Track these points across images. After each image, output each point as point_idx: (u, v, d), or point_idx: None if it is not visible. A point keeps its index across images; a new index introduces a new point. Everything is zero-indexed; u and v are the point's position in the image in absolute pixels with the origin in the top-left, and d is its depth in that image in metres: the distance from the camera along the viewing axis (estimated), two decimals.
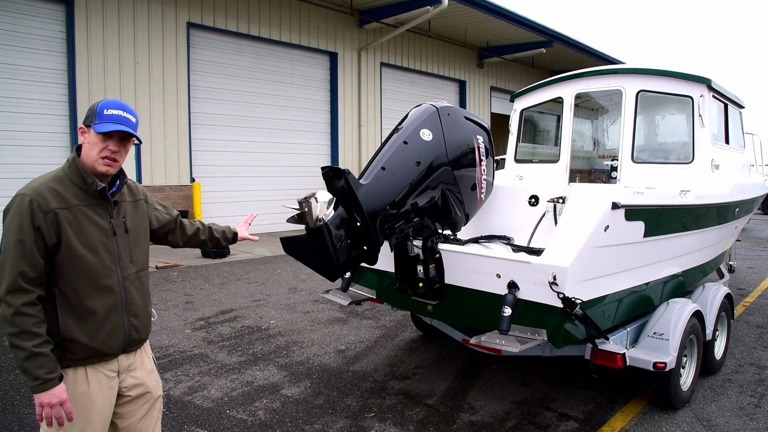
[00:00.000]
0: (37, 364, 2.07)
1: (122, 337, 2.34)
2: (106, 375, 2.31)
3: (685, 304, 4.39)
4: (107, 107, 2.23)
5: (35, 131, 10.81)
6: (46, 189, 2.17)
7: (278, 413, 4.22)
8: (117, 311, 2.32)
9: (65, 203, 2.18)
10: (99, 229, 2.26)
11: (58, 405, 2.12)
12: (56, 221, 2.15)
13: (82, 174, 2.23)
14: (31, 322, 2.08)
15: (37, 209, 2.11)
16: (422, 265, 3.78)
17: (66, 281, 2.19)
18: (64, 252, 2.17)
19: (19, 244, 2.09)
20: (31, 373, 2.08)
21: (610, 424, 4.09)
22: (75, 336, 2.20)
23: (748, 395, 4.65)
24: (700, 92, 5.29)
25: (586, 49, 21.41)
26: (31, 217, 2.10)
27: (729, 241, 6.45)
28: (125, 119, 2.25)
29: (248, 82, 14.28)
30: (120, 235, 2.34)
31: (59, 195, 2.18)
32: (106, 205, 2.31)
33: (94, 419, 2.29)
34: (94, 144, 2.22)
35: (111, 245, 2.30)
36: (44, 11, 10.89)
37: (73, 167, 2.25)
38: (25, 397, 4.42)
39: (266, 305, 7.41)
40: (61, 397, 2.12)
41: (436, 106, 3.84)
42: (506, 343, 3.32)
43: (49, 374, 2.10)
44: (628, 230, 3.64)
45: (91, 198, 2.26)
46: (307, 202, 3.07)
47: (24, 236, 2.09)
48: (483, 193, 4.21)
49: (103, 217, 2.29)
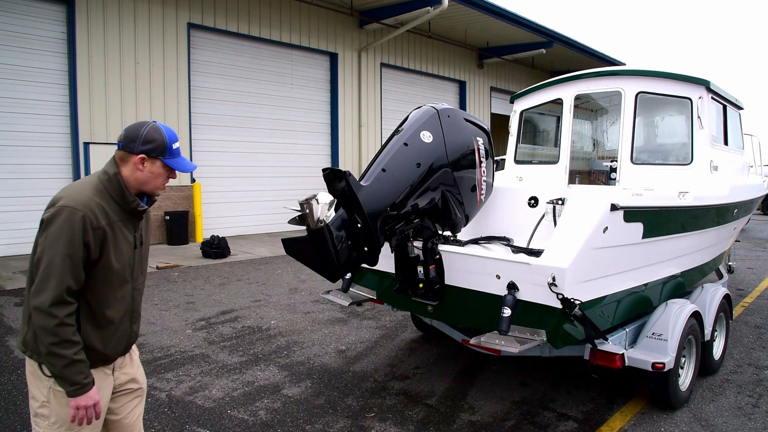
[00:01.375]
0: (76, 371, 2.14)
1: (125, 343, 2.45)
2: (105, 373, 2.38)
3: (683, 305, 4.41)
4: (173, 141, 2.32)
5: (36, 132, 10.85)
6: (94, 204, 2.19)
7: (279, 413, 4.25)
8: (126, 319, 2.41)
9: (108, 220, 2.23)
10: (128, 244, 2.34)
11: (92, 406, 2.21)
12: (103, 238, 2.20)
13: (125, 192, 2.28)
14: (71, 332, 2.13)
15: (89, 226, 2.15)
16: (422, 266, 3.81)
17: (94, 292, 2.24)
18: (102, 266, 2.23)
19: (68, 259, 2.11)
20: (69, 380, 2.14)
21: (609, 424, 4.12)
22: (92, 344, 2.26)
23: (746, 395, 4.67)
24: (698, 94, 5.32)
25: (586, 50, 21.45)
26: (83, 233, 2.13)
27: (728, 242, 6.48)
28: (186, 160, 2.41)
29: (248, 82, 14.31)
30: (138, 248, 2.43)
31: (104, 211, 2.22)
32: (135, 221, 2.39)
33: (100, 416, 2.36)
34: (160, 175, 2.32)
35: (131, 258, 2.38)
36: (45, 12, 10.92)
37: (114, 183, 2.27)
38: (26, 397, 4.43)
39: (267, 305, 7.43)
40: (95, 399, 2.22)
41: (436, 108, 3.87)
42: (506, 344, 3.34)
43: (86, 379, 2.18)
44: (627, 231, 3.67)
45: (124, 213, 2.32)
46: (308, 203, 3.10)
47: (74, 251, 2.12)
48: (483, 195, 4.24)
49: (131, 231, 2.36)
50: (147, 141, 2.28)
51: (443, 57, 19.90)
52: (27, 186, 10.73)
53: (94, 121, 11.38)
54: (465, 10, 16.33)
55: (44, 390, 2.25)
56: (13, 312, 6.93)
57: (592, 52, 21.76)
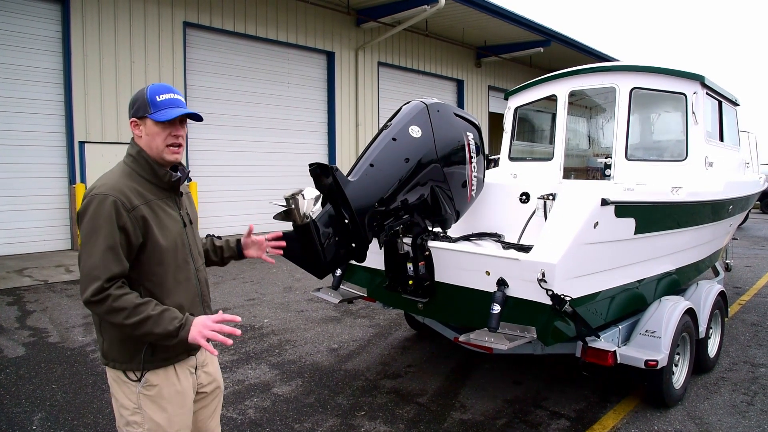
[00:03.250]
0: (166, 321, 1.98)
1: None
2: (190, 371, 2.28)
3: (677, 302, 4.37)
4: (158, 93, 2.13)
5: (30, 131, 10.78)
6: (124, 186, 2.06)
7: (268, 411, 4.20)
8: (197, 304, 2.27)
9: (144, 199, 2.09)
10: (175, 222, 2.20)
11: (211, 325, 2.00)
12: (141, 218, 2.06)
13: (153, 167, 2.14)
14: (133, 297, 1.99)
15: (122, 208, 2.01)
16: (412, 263, 3.76)
17: (152, 279, 2.12)
18: (150, 249, 2.09)
19: (106, 248, 1.97)
20: (168, 331, 1.98)
21: (601, 422, 4.07)
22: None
23: (741, 393, 4.63)
24: (693, 89, 5.27)
25: (584, 48, 21.40)
26: (117, 218, 1.99)
27: (724, 239, 6.43)
28: (181, 102, 2.17)
29: (245, 81, 14.25)
30: (188, 227, 2.29)
31: (137, 191, 2.09)
32: (175, 198, 2.26)
33: (187, 416, 2.26)
34: (156, 134, 2.12)
35: (184, 238, 2.24)
36: (40, 10, 10.86)
37: (139, 161, 2.15)
38: (14, 396, 4.41)
39: (260, 304, 7.38)
40: (204, 322, 2.01)
41: (425, 103, 3.82)
42: (495, 341, 3.29)
43: (181, 318, 2.01)
44: (619, 227, 3.62)
45: (161, 191, 2.18)
46: (294, 198, 3.05)
47: (110, 238, 1.98)
48: (474, 191, 4.19)
49: (174, 209, 2.22)
50: (132, 104, 2.16)
51: (441, 56, 19.85)
52: (22, 185, 10.67)
53: (90, 120, 11.32)
54: (462, 9, 16.28)
55: (133, 396, 2.14)
56: (6, 311, 6.88)
57: (590, 50, 21.71)
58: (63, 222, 11.25)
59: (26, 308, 7.04)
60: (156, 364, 2.15)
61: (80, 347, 5.58)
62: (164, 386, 2.17)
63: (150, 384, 2.15)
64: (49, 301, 7.40)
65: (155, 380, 2.16)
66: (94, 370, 4.99)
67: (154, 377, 2.16)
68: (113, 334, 2.13)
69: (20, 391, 4.53)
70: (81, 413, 4.15)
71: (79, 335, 5.97)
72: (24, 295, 7.68)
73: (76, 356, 5.33)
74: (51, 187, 11.08)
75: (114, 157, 11.10)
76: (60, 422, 4.00)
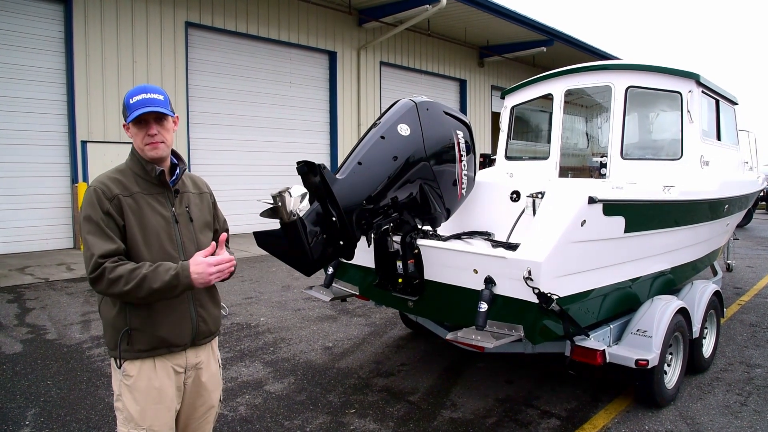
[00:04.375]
0: (162, 273, 2.09)
1: (189, 327, 2.31)
2: (174, 369, 2.30)
3: (669, 301, 4.35)
4: (131, 96, 2.24)
5: (33, 130, 10.88)
6: (107, 179, 2.23)
7: (259, 408, 4.22)
8: (182, 300, 2.29)
9: (127, 191, 2.23)
10: (160, 217, 2.27)
11: (210, 270, 2.14)
12: (120, 206, 2.19)
13: (142, 163, 2.28)
14: (128, 266, 2.10)
15: (102, 196, 2.17)
16: (401, 261, 3.77)
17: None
18: (128, 237, 2.20)
19: (97, 229, 2.13)
20: (167, 282, 2.08)
21: (592, 422, 4.06)
22: (140, 325, 2.20)
23: (735, 393, 4.60)
24: (688, 87, 5.25)
25: (586, 48, 21.33)
26: (99, 203, 2.16)
27: (721, 239, 6.39)
28: (150, 100, 2.23)
29: (247, 81, 14.30)
30: (183, 224, 2.34)
31: (121, 183, 2.23)
32: (168, 194, 2.33)
33: (163, 413, 2.26)
34: (135, 135, 2.25)
35: (173, 233, 2.30)
36: (43, 11, 10.95)
37: (133, 159, 2.31)
38: (9, 392, 4.44)
39: (258, 303, 7.41)
40: (204, 268, 2.12)
41: (414, 101, 3.82)
42: (482, 339, 3.29)
43: (176, 266, 2.12)
44: (607, 225, 3.61)
45: (153, 186, 2.29)
46: (281, 196, 3.05)
47: (98, 220, 2.14)
48: (464, 189, 4.19)
49: (164, 205, 2.30)
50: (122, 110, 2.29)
51: (443, 55, 19.84)
52: (24, 184, 10.76)
53: (92, 119, 11.40)
54: (464, 8, 16.27)
55: (116, 383, 2.26)
56: (5, 309, 6.93)
57: (592, 49, 21.63)
58: (65, 221, 11.33)
59: (26, 306, 7.09)
60: (132, 355, 2.21)
61: (77, 344, 5.62)
62: (139, 378, 2.22)
63: (127, 374, 2.23)
64: (49, 298, 7.45)
65: (132, 371, 2.22)
66: (89, 366, 5.02)
67: (131, 367, 2.22)
68: (105, 321, 2.27)
69: (15, 386, 4.57)
70: (74, 409, 4.17)
71: (77, 332, 6.00)
72: (24, 293, 7.74)
73: (72, 353, 5.37)
74: (53, 186, 11.16)
75: (116, 156, 11.23)
76: (53, 417, 4.03)
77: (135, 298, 2.10)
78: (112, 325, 2.22)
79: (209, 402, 2.47)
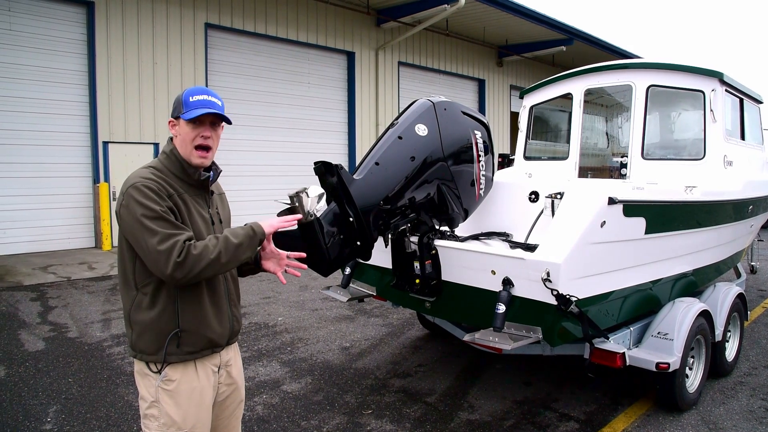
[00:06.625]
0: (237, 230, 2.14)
1: (228, 327, 2.32)
2: (212, 369, 2.30)
3: (691, 304, 4.27)
4: (192, 94, 2.20)
5: (56, 131, 11.06)
6: (155, 179, 2.13)
7: (276, 408, 4.24)
8: (223, 300, 2.30)
9: (175, 190, 2.17)
10: (202, 219, 2.25)
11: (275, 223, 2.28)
12: (176, 204, 2.14)
13: (183, 164, 2.22)
14: (204, 240, 2.08)
15: (160, 191, 2.09)
16: (419, 261, 3.75)
17: None
18: None
19: (166, 223, 2.04)
20: (245, 232, 2.13)
21: (611, 425, 4.01)
22: (191, 326, 2.17)
23: (759, 399, 4.51)
24: (711, 86, 5.15)
25: (607, 46, 21.07)
26: (160, 199, 2.07)
27: (745, 240, 6.26)
28: (212, 103, 2.21)
29: (266, 82, 14.39)
30: (217, 225, 2.34)
31: (167, 183, 2.16)
32: (205, 195, 2.32)
33: (204, 415, 2.26)
34: (186, 134, 2.19)
35: (212, 234, 2.24)
36: (66, 14, 11.13)
37: (171, 158, 2.23)
38: (32, 389, 4.52)
39: (276, 302, 7.44)
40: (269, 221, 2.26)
41: (432, 101, 3.80)
42: (499, 341, 3.27)
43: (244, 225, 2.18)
44: (628, 226, 3.55)
45: (191, 188, 2.25)
46: (298, 196, 3.06)
47: (164, 215, 2.05)
48: (482, 189, 4.16)
49: (203, 207, 2.29)
50: (173, 105, 2.25)
51: (462, 55, 19.76)
52: (48, 184, 10.94)
53: (113, 120, 11.56)
54: (483, 8, 16.18)
55: (152, 389, 2.18)
56: (29, 307, 7.06)
57: (613, 48, 21.37)
58: (87, 220, 11.50)
59: (48, 304, 7.22)
60: (179, 358, 2.17)
61: (98, 342, 5.70)
62: (182, 382, 2.18)
63: (168, 378, 2.17)
64: (70, 297, 7.58)
65: (174, 375, 2.18)
66: (109, 364, 5.09)
67: (173, 372, 2.18)
68: (142, 324, 2.15)
69: (38, 384, 4.65)
70: (94, 406, 4.23)
71: (98, 331, 6.09)
72: (47, 291, 7.88)
73: (93, 351, 5.45)
74: (76, 186, 11.34)
75: (137, 156, 11.37)
76: (74, 415, 4.09)
77: (218, 266, 2.04)
78: (153, 328, 2.13)
79: (239, 396, 2.49)
